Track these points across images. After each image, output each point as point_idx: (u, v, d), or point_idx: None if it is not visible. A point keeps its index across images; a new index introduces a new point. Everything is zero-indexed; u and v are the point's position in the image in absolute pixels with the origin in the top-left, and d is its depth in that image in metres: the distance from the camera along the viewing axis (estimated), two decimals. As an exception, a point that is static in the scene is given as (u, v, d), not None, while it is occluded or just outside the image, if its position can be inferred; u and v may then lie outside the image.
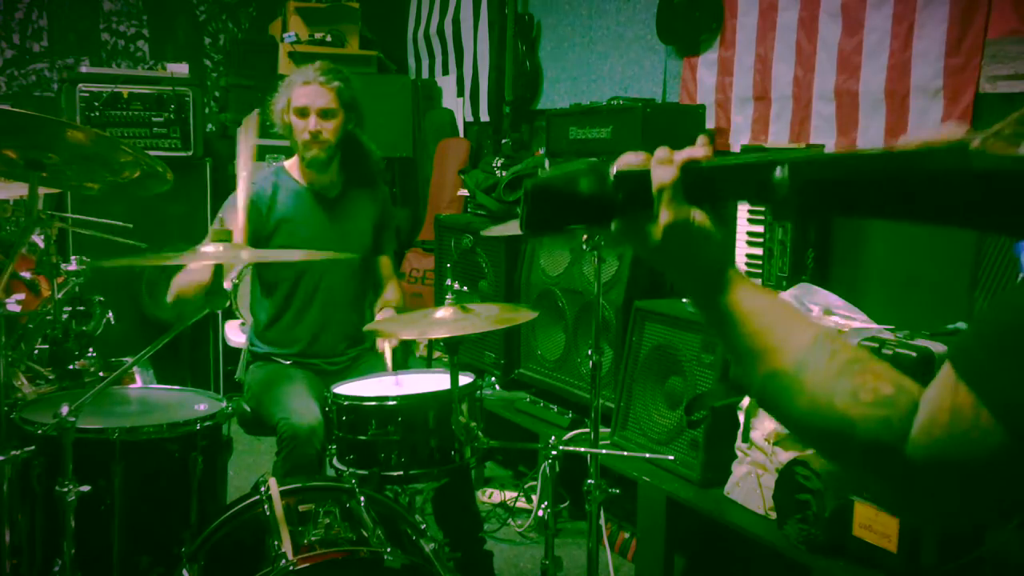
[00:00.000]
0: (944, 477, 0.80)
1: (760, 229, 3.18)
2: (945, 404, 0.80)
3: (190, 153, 4.84)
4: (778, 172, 0.89)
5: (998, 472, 0.78)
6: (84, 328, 3.08)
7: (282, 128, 3.00)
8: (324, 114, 2.92)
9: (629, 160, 1.00)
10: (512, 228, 2.46)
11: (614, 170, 1.00)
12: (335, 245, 2.95)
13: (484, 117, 5.31)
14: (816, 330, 0.91)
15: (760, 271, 3.19)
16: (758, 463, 2.64)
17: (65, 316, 2.94)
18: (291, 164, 3.06)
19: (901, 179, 0.83)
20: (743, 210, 3.28)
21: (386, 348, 2.79)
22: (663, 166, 0.97)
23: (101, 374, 2.92)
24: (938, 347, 2.26)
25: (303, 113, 2.93)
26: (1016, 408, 0.76)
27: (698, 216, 0.95)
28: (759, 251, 3.17)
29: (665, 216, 0.96)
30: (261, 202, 2.96)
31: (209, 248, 2.06)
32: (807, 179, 0.88)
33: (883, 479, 0.85)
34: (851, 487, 2.32)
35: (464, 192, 4.55)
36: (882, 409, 0.83)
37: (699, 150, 0.97)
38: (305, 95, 2.93)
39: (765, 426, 2.62)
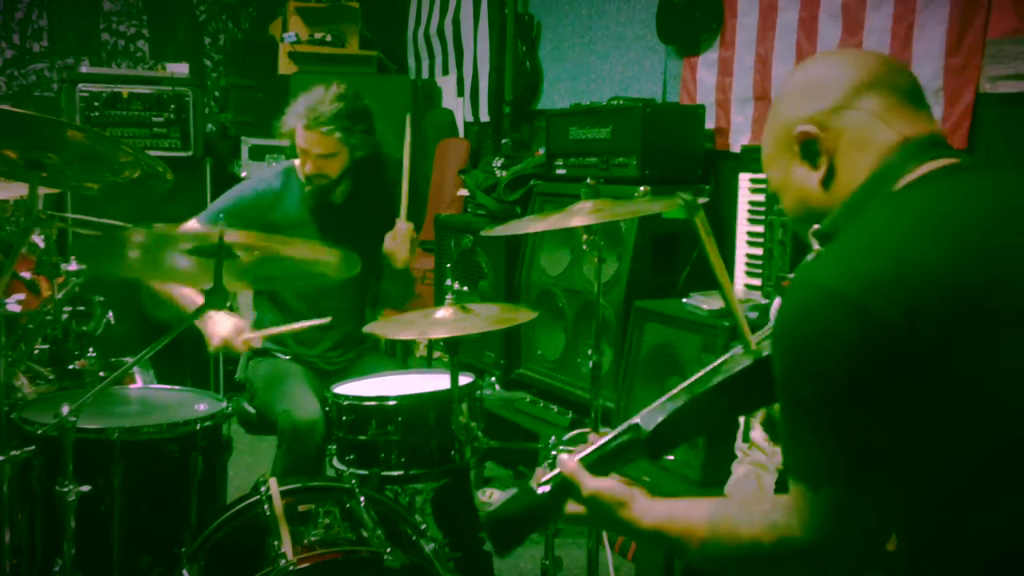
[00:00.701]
0: (828, 543, 1.11)
1: (760, 229, 3.18)
2: (797, 498, 1.13)
3: (190, 153, 4.83)
4: (630, 435, 1.30)
5: (856, 517, 1.10)
6: (84, 328, 3.07)
7: (288, 141, 2.98)
8: (324, 156, 2.86)
9: (544, 473, 1.37)
10: (512, 228, 2.45)
11: (546, 478, 1.35)
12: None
13: (484, 117, 5.31)
14: (708, 503, 1.25)
15: (760, 271, 3.19)
16: (758, 463, 2.64)
17: (65, 316, 2.93)
18: (300, 164, 3.04)
19: (703, 400, 1.28)
20: (743, 210, 3.28)
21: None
22: (567, 464, 1.33)
23: (101, 374, 2.91)
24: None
25: (304, 153, 2.87)
26: (825, 471, 1.09)
27: (603, 484, 1.31)
28: (759, 251, 3.17)
29: (584, 492, 1.31)
30: (266, 199, 2.95)
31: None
32: (652, 432, 1.29)
33: (797, 565, 1.16)
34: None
35: (464, 192, 4.55)
36: (769, 518, 1.15)
37: (585, 448, 1.35)
38: (306, 140, 2.84)
39: (765, 426, 2.62)
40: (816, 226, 1.30)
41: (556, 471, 1.34)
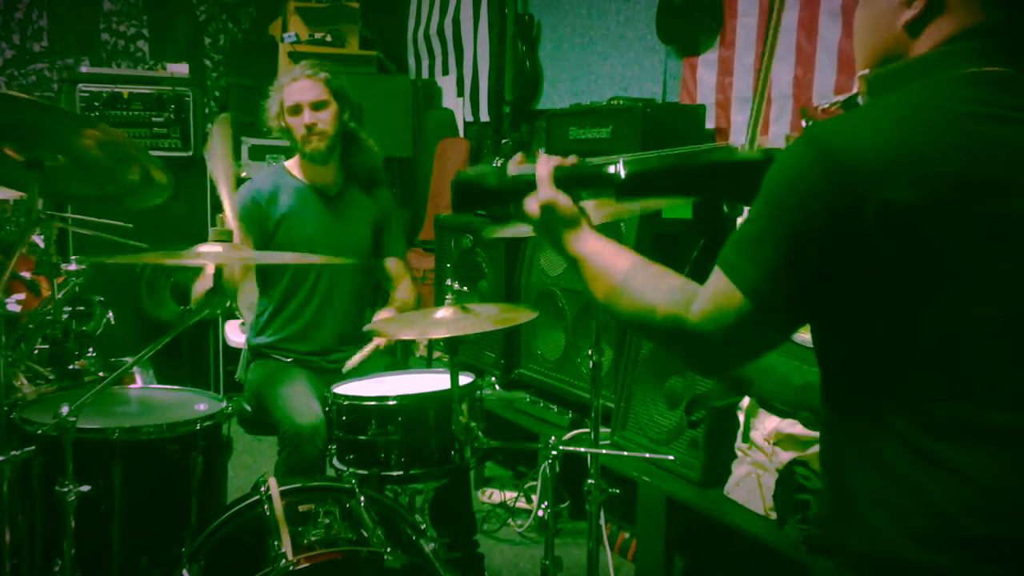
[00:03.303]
0: (713, 338, 1.17)
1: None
2: (711, 288, 1.17)
3: (190, 153, 4.84)
4: (612, 169, 1.39)
5: (749, 332, 1.16)
6: (84, 328, 3.07)
7: (280, 132, 3.03)
8: (317, 106, 2.96)
9: (520, 165, 1.48)
10: (513, 231, 2.45)
11: (519, 169, 1.47)
12: (335, 241, 2.98)
13: (484, 117, 5.31)
14: (634, 258, 1.32)
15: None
16: (758, 463, 2.64)
17: (65, 316, 2.94)
18: (292, 164, 3.08)
19: (693, 169, 1.37)
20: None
21: (368, 348, 2.87)
22: (542, 165, 1.44)
23: (101, 374, 2.91)
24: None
25: (296, 110, 2.96)
26: (752, 282, 1.13)
27: (562, 197, 1.41)
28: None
29: (542, 195, 1.41)
30: (262, 200, 2.98)
31: (209, 248, 2.06)
32: (630, 172, 1.37)
33: (676, 344, 1.23)
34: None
35: (464, 192, 4.55)
36: (673, 295, 1.22)
37: (569, 160, 1.46)
38: (296, 91, 2.96)
39: (765, 426, 2.62)
40: (866, 72, 1.23)
41: (531, 167, 1.44)
